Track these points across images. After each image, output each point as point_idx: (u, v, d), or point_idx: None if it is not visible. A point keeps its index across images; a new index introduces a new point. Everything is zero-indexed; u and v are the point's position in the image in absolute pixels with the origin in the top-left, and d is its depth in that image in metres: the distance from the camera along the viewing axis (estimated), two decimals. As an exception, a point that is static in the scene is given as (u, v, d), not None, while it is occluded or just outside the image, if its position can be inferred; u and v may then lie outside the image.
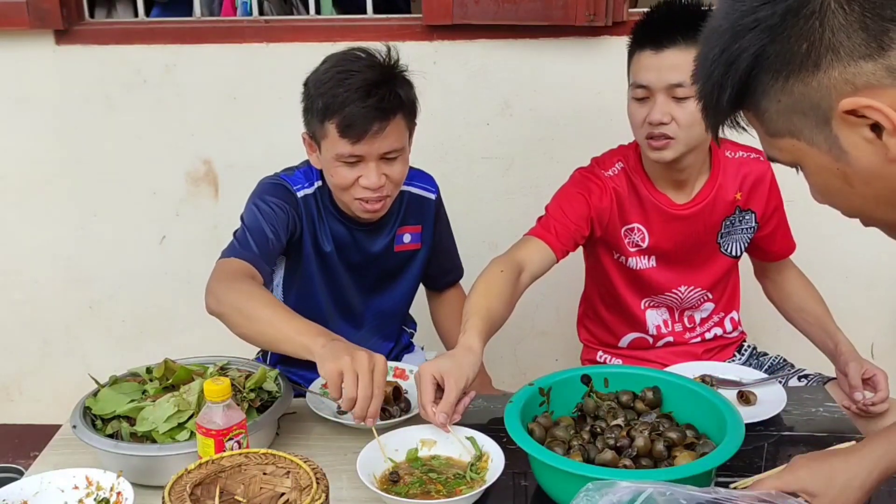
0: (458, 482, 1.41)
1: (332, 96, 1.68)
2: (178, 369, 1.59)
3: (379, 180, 1.73)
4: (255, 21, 2.63)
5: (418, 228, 1.97)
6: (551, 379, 1.55)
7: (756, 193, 1.96)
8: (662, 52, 1.74)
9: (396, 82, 1.72)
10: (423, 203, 1.97)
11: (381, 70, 1.71)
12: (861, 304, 2.72)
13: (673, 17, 1.76)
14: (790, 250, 2.09)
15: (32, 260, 2.79)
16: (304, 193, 1.84)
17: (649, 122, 1.78)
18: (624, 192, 1.92)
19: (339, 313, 1.96)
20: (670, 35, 1.73)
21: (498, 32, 2.52)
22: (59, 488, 1.36)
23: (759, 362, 2.07)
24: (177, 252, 2.76)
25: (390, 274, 1.98)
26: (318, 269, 1.89)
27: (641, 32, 1.80)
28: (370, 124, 1.67)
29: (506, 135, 2.63)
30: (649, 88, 1.77)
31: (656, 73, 1.75)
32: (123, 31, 2.63)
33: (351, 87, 1.67)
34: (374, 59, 1.72)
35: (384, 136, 1.70)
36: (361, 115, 1.67)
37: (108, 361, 2.09)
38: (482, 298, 1.67)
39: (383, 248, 1.92)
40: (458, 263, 2.16)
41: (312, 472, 1.18)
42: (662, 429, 1.44)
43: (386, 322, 2.03)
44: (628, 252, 1.95)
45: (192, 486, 1.15)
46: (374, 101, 1.67)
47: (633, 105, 1.83)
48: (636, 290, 2.00)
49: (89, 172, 2.70)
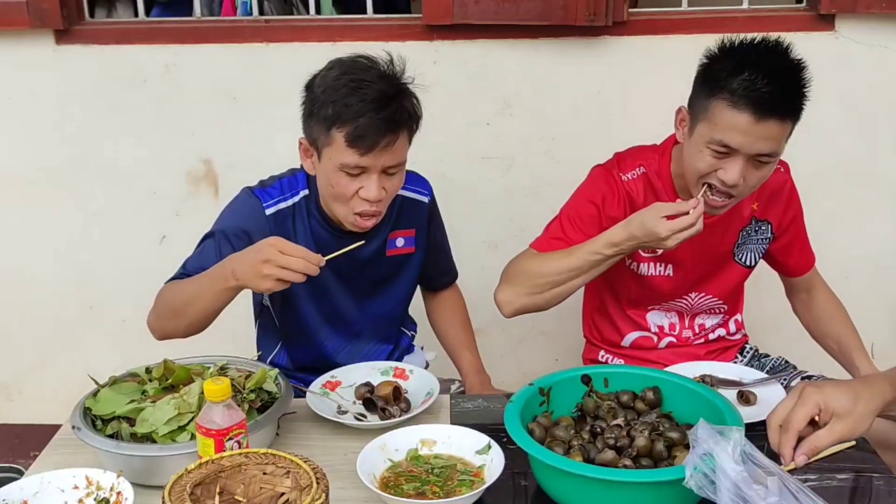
0: (459, 483, 1.41)
1: (344, 105, 1.64)
2: (177, 369, 1.59)
3: (379, 193, 1.70)
4: (256, 21, 2.64)
5: (412, 232, 1.94)
6: (551, 379, 1.55)
7: (773, 204, 1.94)
8: (763, 122, 1.65)
9: (405, 95, 1.70)
10: (416, 207, 1.94)
11: (393, 82, 1.69)
12: (861, 304, 2.71)
13: (780, 88, 1.65)
14: (809, 264, 2.07)
15: (33, 260, 2.79)
16: (276, 209, 1.81)
17: (722, 180, 1.71)
18: (639, 199, 1.88)
19: (329, 324, 1.93)
20: (774, 107, 1.65)
21: (498, 32, 2.52)
22: (59, 488, 1.36)
23: (761, 364, 2.06)
24: (177, 252, 2.72)
25: (384, 279, 1.95)
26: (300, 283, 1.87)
27: (742, 93, 1.65)
28: (381, 137, 1.65)
29: (506, 135, 2.63)
30: (733, 149, 1.69)
31: (752, 140, 1.66)
32: (123, 30, 2.63)
33: (366, 97, 1.64)
34: (384, 70, 1.70)
35: (391, 150, 1.68)
36: (374, 128, 1.64)
37: (108, 361, 2.09)
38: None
39: (373, 253, 1.89)
40: (453, 265, 2.14)
41: (312, 472, 1.18)
42: (663, 429, 1.44)
43: (383, 326, 2.01)
44: (641, 258, 1.94)
45: (192, 486, 1.15)
46: (386, 113, 1.64)
47: (705, 153, 1.72)
48: (646, 295, 1.99)
49: (89, 172, 2.70)
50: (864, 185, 2.62)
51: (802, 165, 2.56)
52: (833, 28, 2.49)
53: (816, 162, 2.59)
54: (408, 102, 1.70)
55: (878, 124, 2.57)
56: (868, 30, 2.48)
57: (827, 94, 2.50)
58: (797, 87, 1.68)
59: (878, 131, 2.58)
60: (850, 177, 2.62)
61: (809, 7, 2.56)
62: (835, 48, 2.50)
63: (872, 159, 2.60)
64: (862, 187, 2.62)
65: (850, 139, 2.58)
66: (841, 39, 2.49)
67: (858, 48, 2.49)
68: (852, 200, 2.63)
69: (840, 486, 1.44)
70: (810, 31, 2.50)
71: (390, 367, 1.82)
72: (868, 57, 2.50)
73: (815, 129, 2.50)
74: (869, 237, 2.67)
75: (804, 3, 2.61)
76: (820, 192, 2.62)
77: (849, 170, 2.61)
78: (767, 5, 2.62)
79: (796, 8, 2.61)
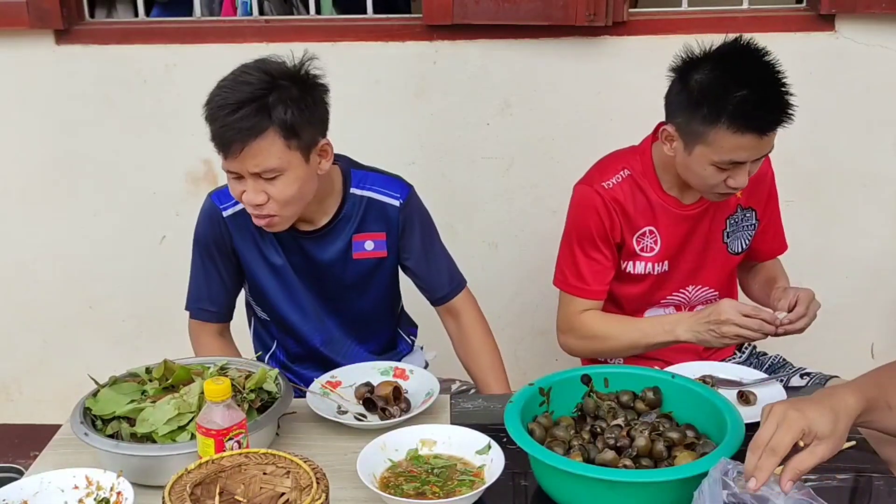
0: (459, 483, 1.41)
1: (208, 109, 1.67)
2: (177, 369, 1.59)
3: (257, 197, 1.66)
4: (256, 21, 2.64)
5: (381, 235, 1.88)
6: (551, 379, 1.55)
7: (756, 192, 1.97)
8: (767, 136, 1.72)
9: (271, 101, 1.63)
10: (384, 209, 1.87)
11: (259, 87, 1.64)
12: (861, 304, 2.72)
13: (775, 103, 1.71)
14: (779, 250, 2.10)
15: (32, 259, 2.79)
16: (232, 211, 1.82)
17: (730, 186, 1.77)
18: (627, 201, 1.91)
19: (307, 322, 1.93)
20: (775, 122, 1.71)
21: (498, 32, 2.52)
22: (59, 488, 1.36)
23: (759, 361, 2.07)
24: (177, 252, 2.74)
25: (355, 283, 1.91)
26: (273, 281, 1.88)
27: (743, 120, 1.69)
28: (232, 142, 1.63)
29: (506, 135, 2.63)
30: (741, 163, 1.74)
31: (758, 151, 1.74)
32: (123, 30, 2.63)
33: (221, 101, 1.64)
34: (261, 76, 1.65)
35: (252, 156, 1.63)
36: (223, 133, 1.63)
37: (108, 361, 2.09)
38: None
39: (337, 255, 1.86)
40: (455, 272, 2.02)
41: (312, 472, 1.18)
42: (663, 429, 1.45)
43: (363, 330, 1.98)
44: (639, 257, 1.95)
45: (193, 486, 1.15)
46: (235, 119, 1.61)
47: (711, 170, 1.75)
48: (645, 294, 2.00)
49: (89, 172, 2.70)
50: (864, 185, 2.62)
51: (803, 165, 2.58)
52: (833, 28, 2.49)
53: (816, 162, 2.59)
54: (274, 108, 1.63)
55: (877, 124, 2.57)
56: (868, 30, 2.48)
57: (827, 94, 2.50)
58: (786, 93, 1.72)
59: (877, 131, 2.58)
60: (850, 177, 2.62)
61: (809, 7, 2.56)
62: (835, 48, 2.50)
63: (872, 159, 2.60)
64: (862, 187, 2.62)
65: (849, 139, 2.58)
66: (841, 39, 2.49)
67: (858, 48, 2.49)
68: (852, 200, 2.63)
69: (840, 486, 1.44)
70: (810, 32, 2.50)
71: (390, 367, 1.82)
72: (868, 57, 2.50)
73: (814, 130, 2.51)
74: (869, 237, 2.67)
75: (804, 3, 2.61)
76: (821, 191, 2.62)
77: (849, 170, 2.61)
78: (767, 5, 2.62)
79: (796, 8, 2.61)
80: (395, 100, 2.56)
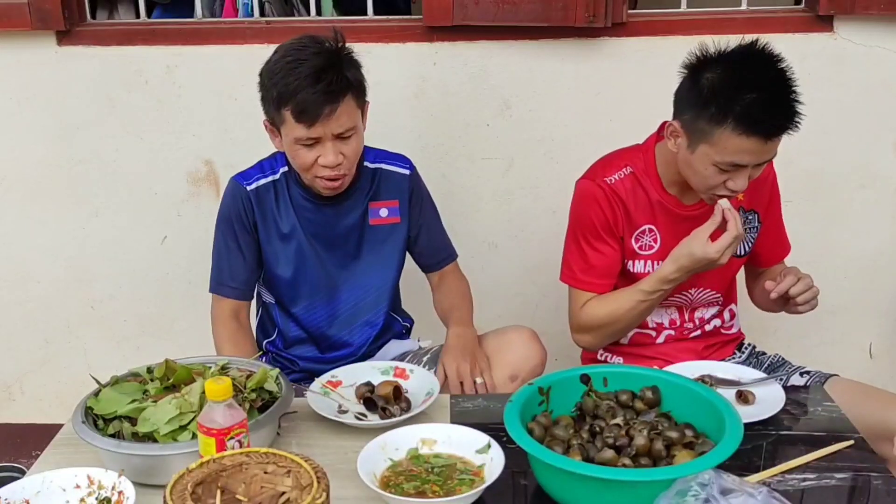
0: (459, 482, 1.42)
1: (284, 85, 1.79)
2: (178, 369, 1.60)
3: (336, 158, 1.83)
4: (256, 22, 2.64)
5: (395, 203, 2.04)
6: (551, 378, 1.56)
7: (758, 194, 1.97)
8: (772, 140, 1.72)
9: (343, 65, 1.82)
10: (396, 178, 2.04)
11: (328, 56, 1.81)
12: (860, 304, 2.72)
13: (784, 109, 1.71)
14: (783, 253, 2.08)
15: (34, 259, 2.79)
16: (256, 185, 1.98)
17: (732, 189, 1.77)
18: (628, 197, 1.92)
19: (313, 295, 2.02)
20: (781, 126, 1.71)
21: (498, 34, 2.52)
22: (61, 487, 1.37)
23: (759, 361, 2.07)
24: (178, 252, 2.76)
25: (372, 248, 2.03)
26: (288, 252, 1.98)
27: (749, 122, 1.69)
28: (322, 108, 1.77)
29: (506, 135, 2.63)
30: (743, 166, 1.75)
31: (761, 155, 1.74)
32: (125, 31, 2.63)
33: (300, 74, 1.77)
34: (321, 46, 1.82)
35: (336, 117, 1.79)
36: (313, 100, 1.77)
37: (110, 361, 2.10)
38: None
39: (356, 222, 2.00)
40: (449, 243, 2.18)
41: (313, 471, 1.18)
42: (661, 428, 1.45)
43: (367, 308, 2.05)
44: (639, 255, 1.95)
45: (194, 485, 1.16)
46: (323, 85, 1.77)
47: (713, 170, 1.76)
48: None
49: (91, 173, 2.70)
50: (864, 185, 2.63)
51: (802, 165, 2.58)
52: (831, 29, 2.50)
53: (816, 162, 2.59)
54: (346, 71, 1.82)
55: (876, 125, 2.57)
56: (866, 31, 2.49)
57: (825, 94, 2.51)
58: (796, 101, 1.72)
59: (876, 131, 2.58)
60: (850, 177, 2.62)
61: (808, 8, 2.56)
62: (833, 49, 2.51)
63: (870, 160, 2.60)
64: (861, 187, 2.63)
65: (848, 139, 2.59)
66: (839, 40, 2.50)
67: (857, 49, 2.50)
68: (851, 200, 2.64)
69: (839, 486, 1.44)
70: (809, 33, 2.50)
71: (391, 367, 1.83)
72: (866, 58, 2.50)
73: (814, 130, 2.50)
74: (868, 237, 2.67)
75: (802, 4, 2.61)
76: (819, 192, 2.63)
77: (848, 170, 2.61)
78: (766, 6, 2.63)
79: (795, 9, 2.61)
80: (395, 100, 2.57)
